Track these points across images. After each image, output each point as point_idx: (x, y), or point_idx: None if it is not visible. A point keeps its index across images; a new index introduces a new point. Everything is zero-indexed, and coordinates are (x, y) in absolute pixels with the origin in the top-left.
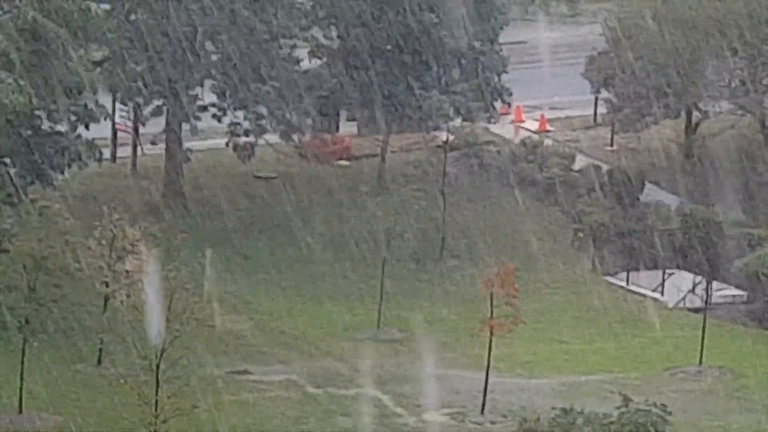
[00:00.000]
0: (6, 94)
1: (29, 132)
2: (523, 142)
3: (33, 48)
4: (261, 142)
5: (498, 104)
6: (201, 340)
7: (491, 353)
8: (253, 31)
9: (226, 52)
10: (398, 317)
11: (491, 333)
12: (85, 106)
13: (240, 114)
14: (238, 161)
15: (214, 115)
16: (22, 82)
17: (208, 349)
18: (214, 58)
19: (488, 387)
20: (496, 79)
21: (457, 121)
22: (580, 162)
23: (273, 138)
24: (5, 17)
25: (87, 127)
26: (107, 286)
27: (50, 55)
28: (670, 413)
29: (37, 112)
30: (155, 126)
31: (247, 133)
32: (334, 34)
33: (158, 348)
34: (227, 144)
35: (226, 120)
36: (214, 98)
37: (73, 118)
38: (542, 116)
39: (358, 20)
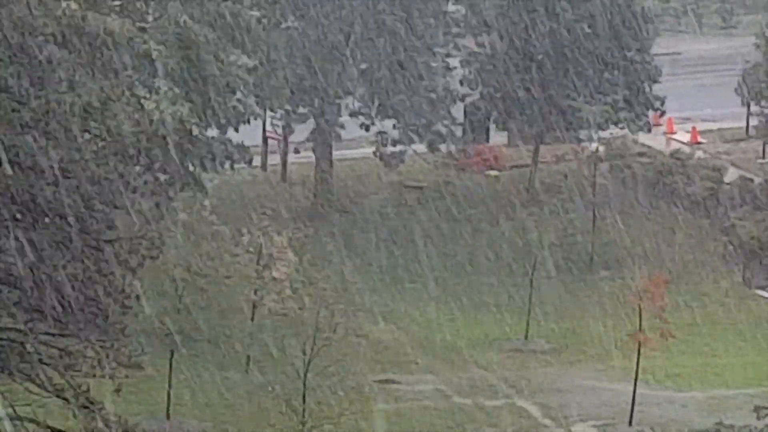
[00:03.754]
0: (167, 105)
1: (178, 137)
2: (674, 154)
3: (183, 53)
4: (409, 151)
5: (650, 113)
6: (348, 349)
7: (639, 365)
8: (402, 40)
9: (375, 60)
10: (546, 328)
11: (639, 345)
12: (234, 108)
13: (388, 123)
14: (388, 170)
15: (362, 124)
16: (178, 91)
17: (355, 358)
18: (363, 66)
19: (636, 399)
20: (648, 89)
21: (609, 132)
22: (731, 174)
23: (420, 147)
24: (156, 22)
25: (236, 129)
26: (255, 293)
27: (201, 61)
28: None
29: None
30: (304, 134)
31: (395, 143)
32: (486, 42)
33: (306, 356)
34: (374, 153)
35: (374, 129)
36: (361, 106)
37: (222, 120)
38: (694, 128)
39: (511, 29)
